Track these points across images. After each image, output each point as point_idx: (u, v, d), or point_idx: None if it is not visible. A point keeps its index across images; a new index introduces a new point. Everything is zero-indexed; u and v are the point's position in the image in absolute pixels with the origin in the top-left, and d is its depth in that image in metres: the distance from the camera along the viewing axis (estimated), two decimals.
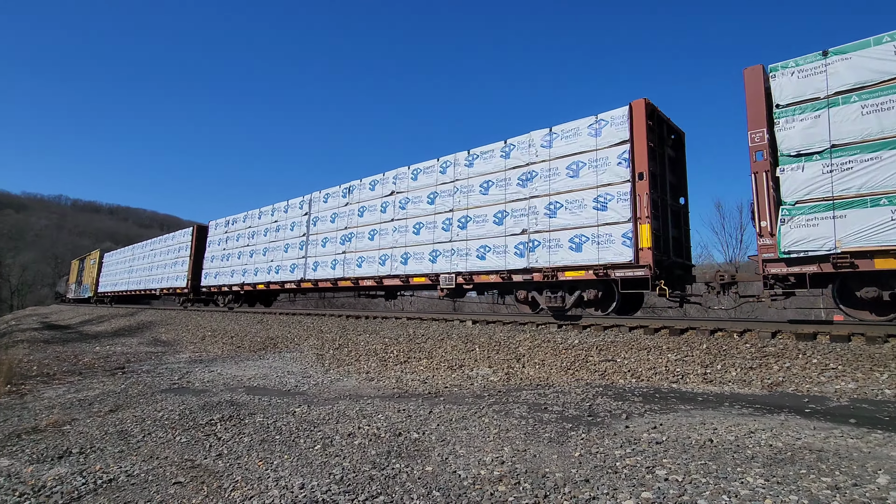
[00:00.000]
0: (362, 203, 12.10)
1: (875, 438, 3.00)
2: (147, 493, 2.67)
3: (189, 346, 10.71)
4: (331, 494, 2.51)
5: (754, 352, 5.36)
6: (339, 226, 12.73)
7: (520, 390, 5.02)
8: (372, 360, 7.17)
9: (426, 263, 10.05)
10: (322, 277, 13.01)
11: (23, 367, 7.44)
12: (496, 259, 8.87)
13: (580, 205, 7.85)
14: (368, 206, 11.91)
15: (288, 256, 14.48)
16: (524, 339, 7.12)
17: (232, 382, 6.07)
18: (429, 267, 9.99)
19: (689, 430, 3.33)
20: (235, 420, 4.09)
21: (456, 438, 3.37)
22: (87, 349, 10.39)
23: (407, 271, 10.47)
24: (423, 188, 10.47)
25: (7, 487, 2.84)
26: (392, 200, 11.19)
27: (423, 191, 10.46)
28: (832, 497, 2.20)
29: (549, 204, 8.22)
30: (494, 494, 2.43)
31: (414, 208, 10.53)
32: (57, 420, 4.31)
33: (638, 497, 2.30)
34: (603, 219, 7.59)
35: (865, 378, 4.46)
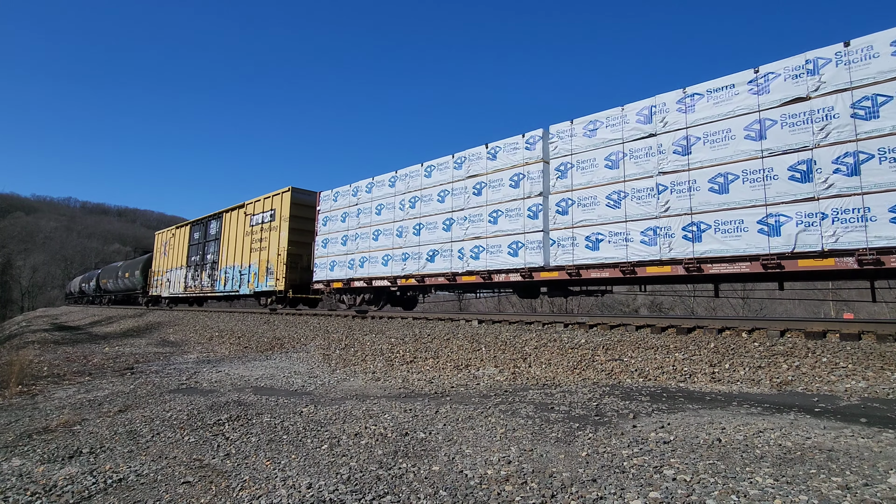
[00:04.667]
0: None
1: (886, 438, 2.97)
2: (156, 493, 2.69)
3: (197, 346, 10.78)
4: (338, 494, 2.52)
5: (763, 350, 5.32)
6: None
7: (526, 390, 5.02)
8: (378, 360, 7.18)
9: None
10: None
11: (34, 368, 7.53)
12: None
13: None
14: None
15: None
16: (530, 338, 7.10)
17: (239, 382, 6.11)
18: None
19: (698, 429, 3.30)
20: (243, 420, 4.11)
21: (463, 438, 3.37)
22: (96, 350, 10.48)
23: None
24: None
25: (19, 487, 2.88)
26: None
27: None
28: (843, 497, 2.18)
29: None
30: (501, 494, 2.42)
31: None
32: (67, 420, 4.36)
33: (646, 497, 2.29)
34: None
35: (876, 377, 4.41)
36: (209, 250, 19.30)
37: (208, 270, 19.06)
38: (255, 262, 15.77)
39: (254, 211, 16.34)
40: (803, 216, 6.00)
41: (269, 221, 15.33)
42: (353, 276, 12.41)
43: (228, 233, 17.84)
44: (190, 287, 20.46)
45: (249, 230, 16.46)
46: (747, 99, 6.62)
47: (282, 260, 14.44)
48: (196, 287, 19.93)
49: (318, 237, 13.76)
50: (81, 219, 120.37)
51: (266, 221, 15.55)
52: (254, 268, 15.80)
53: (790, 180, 6.12)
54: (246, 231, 16.64)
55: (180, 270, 21.47)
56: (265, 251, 15.35)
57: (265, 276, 15.17)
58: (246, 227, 16.67)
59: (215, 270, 18.45)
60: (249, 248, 16.24)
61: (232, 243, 17.51)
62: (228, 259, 17.53)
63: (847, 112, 5.78)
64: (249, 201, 16.76)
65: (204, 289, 19.19)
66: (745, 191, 6.47)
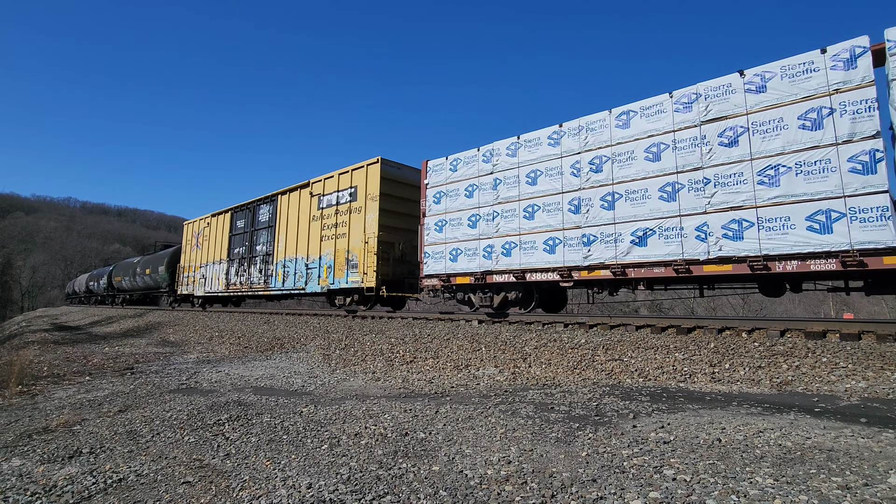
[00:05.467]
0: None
1: (886, 438, 2.97)
2: (156, 493, 2.69)
3: (197, 346, 10.78)
4: (338, 494, 2.52)
5: (763, 350, 5.32)
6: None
7: (526, 390, 5.01)
8: (378, 360, 7.18)
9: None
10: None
11: (34, 368, 7.53)
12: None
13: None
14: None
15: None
16: (530, 338, 7.10)
17: (239, 383, 6.11)
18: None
19: (698, 429, 3.30)
20: (243, 420, 4.11)
21: (462, 438, 3.37)
22: (96, 350, 10.49)
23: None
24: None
25: (19, 487, 2.88)
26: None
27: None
28: (843, 497, 2.18)
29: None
30: (501, 494, 2.42)
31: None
32: (67, 420, 4.36)
33: (646, 497, 2.29)
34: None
35: (876, 377, 4.41)
36: (259, 240, 15.89)
37: (259, 264, 15.61)
38: (328, 252, 12.66)
39: (323, 190, 13.19)
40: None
41: (349, 202, 12.20)
42: (491, 268, 9.05)
43: (287, 218, 14.56)
44: (234, 284, 16.87)
45: (318, 214, 13.22)
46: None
47: (370, 249, 11.32)
48: (242, 284, 16.40)
49: (427, 219, 10.29)
50: (81, 219, 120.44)
51: (343, 202, 12.42)
52: (325, 260, 12.71)
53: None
54: (313, 215, 13.42)
55: (219, 265, 17.92)
56: (342, 239, 12.27)
57: (344, 269, 12.06)
58: (312, 209, 13.48)
59: (269, 264, 15.05)
60: (319, 235, 13.03)
61: (292, 231, 14.25)
62: (288, 250, 14.23)
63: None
64: (317, 179, 13.60)
65: (254, 286, 15.70)
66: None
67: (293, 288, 13.91)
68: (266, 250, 15.50)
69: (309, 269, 13.38)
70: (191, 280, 20.34)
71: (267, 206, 15.95)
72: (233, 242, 17.55)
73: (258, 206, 16.44)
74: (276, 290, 14.74)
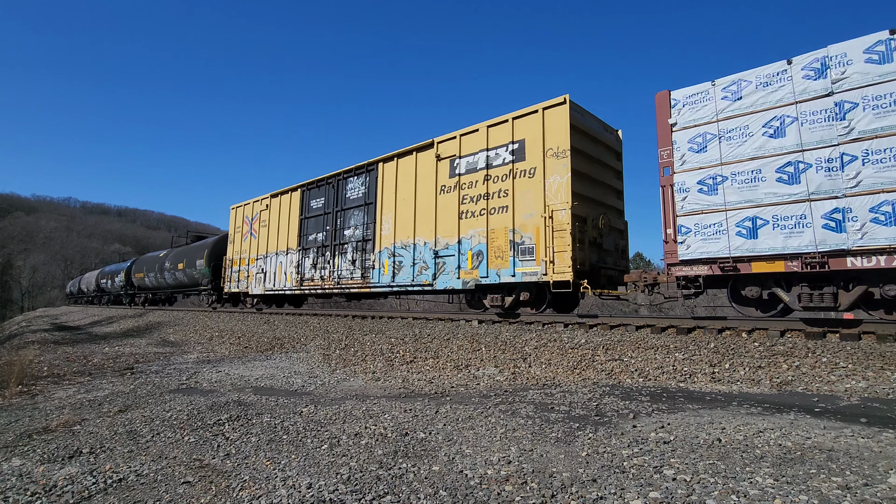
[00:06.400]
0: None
1: (886, 438, 2.97)
2: (156, 493, 2.69)
3: (197, 346, 10.78)
4: (338, 494, 2.52)
5: (763, 350, 5.32)
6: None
7: (526, 390, 5.02)
8: (378, 360, 7.18)
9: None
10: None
11: (34, 368, 7.53)
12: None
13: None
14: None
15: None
16: (530, 338, 7.10)
17: (239, 383, 6.11)
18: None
19: (698, 429, 3.30)
20: (243, 420, 4.11)
21: (463, 438, 3.37)
22: (96, 350, 10.49)
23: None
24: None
25: (19, 487, 2.88)
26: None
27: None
28: (843, 497, 2.18)
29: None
30: (501, 494, 2.42)
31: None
32: (67, 420, 4.36)
33: (646, 497, 2.29)
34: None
35: (876, 377, 4.41)
36: (348, 222, 12.41)
37: (351, 253, 12.09)
38: (475, 234, 9.25)
39: (459, 151, 9.76)
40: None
41: (511, 162, 8.85)
42: (844, 246, 5.51)
43: (395, 192, 11.15)
44: (311, 279, 13.33)
45: (452, 183, 9.81)
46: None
47: (559, 226, 7.98)
48: (325, 279, 12.87)
49: (679, 176, 6.97)
50: (81, 219, 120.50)
51: (498, 164, 9.09)
52: (470, 244, 9.30)
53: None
54: (442, 185, 10.03)
55: (285, 256, 14.44)
56: (501, 215, 8.88)
57: (505, 256, 8.68)
58: (441, 178, 10.10)
59: (367, 252, 11.64)
60: (455, 211, 9.62)
61: (405, 208, 10.85)
62: (399, 233, 10.86)
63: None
64: (447, 136, 10.12)
65: (344, 281, 12.23)
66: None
67: (411, 283, 10.36)
68: (361, 235, 11.89)
69: (439, 259, 9.83)
70: (243, 275, 16.63)
71: (359, 178, 12.35)
72: (306, 227, 13.86)
73: (344, 179, 12.81)
74: (382, 285, 11.12)
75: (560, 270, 7.89)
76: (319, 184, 13.70)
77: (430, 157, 10.50)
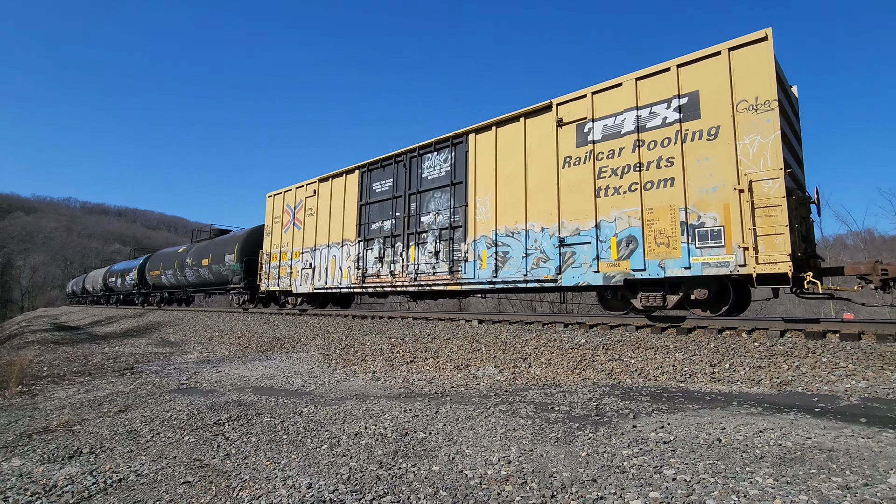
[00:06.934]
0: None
1: (886, 438, 2.97)
2: (156, 493, 2.69)
3: (197, 346, 10.78)
4: (338, 494, 2.52)
5: (763, 350, 5.32)
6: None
7: (526, 390, 5.02)
8: (378, 360, 7.18)
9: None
10: None
11: (34, 368, 7.53)
12: None
13: None
14: None
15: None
16: (530, 338, 7.11)
17: (239, 383, 6.11)
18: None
19: (698, 429, 3.31)
20: (243, 420, 4.12)
21: (462, 438, 3.37)
22: (96, 350, 10.49)
23: None
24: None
25: (19, 487, 2.88)
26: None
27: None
28: (843, 497, 2.18)
29: None
30: (501, 494, 2.42)
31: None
32: (67, 420, 4.36)
33: (646, 497, 2.29)
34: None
35: (876, 377, 4.41)
36: (427, 207, 10.39)
37: (432, 244, 10.08)
38: (621, 216, 7.28)
39: (592, 113, 7.81)
40: None
41: (677, 122, 6.87)
42: None
43: (496, 167, 9.12)
44: (376, 275, 11.30)
45: (585, 153, 7.80)
46: None
47: (763, 203, 6.11)
48: (396, 274, 10.77)
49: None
50: (81, 219, 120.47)
51: (653, 126, 7.11)
52: (612, 229, 7.36)
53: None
54: (566, 157, 8.06)
55: (340, 249, 12.47)
56: (661, 191, 6.93)
57: (674, 242, 6.75)
58: (563, 147, 8.11)
59: (456, 242, 9.65)
60: (590, 188, 7.65)
61: (510, 185, 8.86)
62: (502, 217, 8.91)
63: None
64: (573, 95, 8.12)
65: (423, 276, 10.13)
66: None
67: (524, 279, 8.37)
68: (447, 221, 9.90)
69: (566, 248, 7.86)
70: (284, 272, 14.56)
71: (440, 154, 10.34)
72: (367, 215, 11.92)
73: (419, 156, 10.77)
74: (481, 281, 9.06)
75: (770, 260, 5.96)
76: (385, 163, 11.61)
77: (545, 123, 8.49)
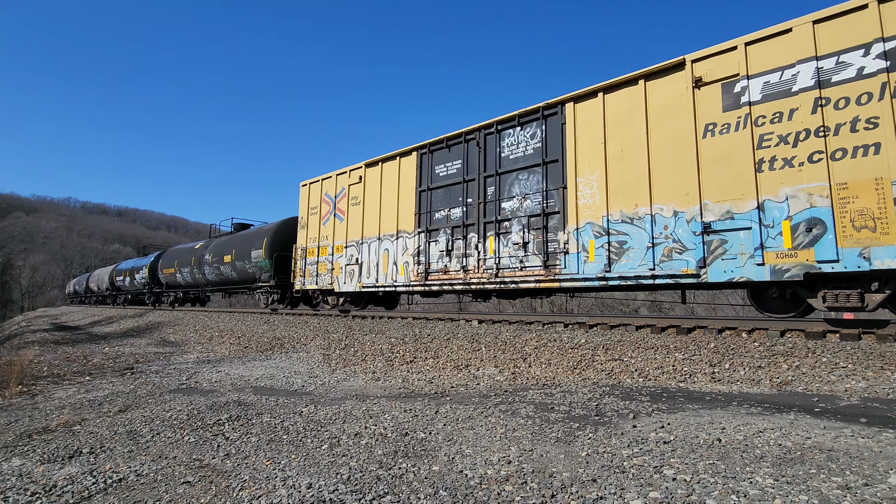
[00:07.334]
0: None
1: (886, 437, 2.97)
2: (156, 493, 2.69)
3: (197, 346, 10.78)
4: (338, 494, 2.52)
5: (763, 350, 5.32)
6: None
7: (526, 390, 5.02)
8: (378, 360, 7.19)
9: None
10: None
11: (34, 368, 7.53)
12: None
13: None
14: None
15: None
16: (530, 338, 7.11)
17: (239, 383, 6.11)
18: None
19: (697, 429, 3.31)
20: (243, 420, 4.12)
21: (463, 438, 3.37)
22: (96, 350, 10.49)
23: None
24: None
25: (19, 487, 2.88)
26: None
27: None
28: (843, 497, 2.18)
29: None
30: (501, 494, 2.42)
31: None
32: (67, 420, 4.36)
33: (646, 497, 2.29)
34: None
35: (876, 377, 4.41)
36: (511, 191, 8.95)
37: (519, 234, 8.59)
38: (796, 194, 5.86)
39: (747, 68, 6.39)
40: None
41: (883, 72, 5.46)
42: None
43: (605, 140, 7.70)
44: (443, 270, 9.79)
45: (739, 118, 6.40)
46: None
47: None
48: (470, 269, 9.29)
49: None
50: (81, 219, 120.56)
51: (844, 79, 5.72)
52: (784, 211, 5.95)
53: None
54: (709, 125, 6.64)
55: (394, 242, 10.97)
56: (863, 159, 5.48)
57: (886, 226, 5.23)
58: (707, 113, 6.69)
59: (552, 232, 8.24)
60: (749, 160, 6.26)
61: (621, 163, 7.47)
62: (617, 200, 7.47)
63: None
64: (713, 50, 6.71)
65: (507, 272, 8.71)
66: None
67: (650, 273, 6.96)
68: (538, 207, 8.42)
69: (712, 234, 6.48)
70: (323, 268, 12.97)
71: (525, 129, 8.90)
72: (428, 202, 10.38)
73: (498, 132, 9.26)
74: (588, 277, 7.61)
75: None
76: (450, 142, 10.11)
77: (674, 84, 7.07)
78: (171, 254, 23.47)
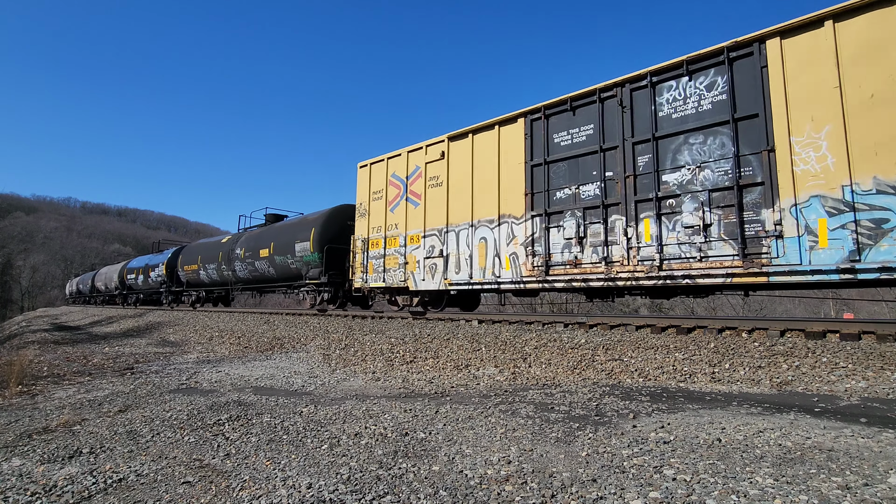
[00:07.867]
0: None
1: (886, 437, 2.97)
2: (156, 493, 2.69)
3: (197, 346, 10.78)
4: (338, 494, 2.52)
5: (763, 350, 5.32)
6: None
7: (526, 390, 5.02)
8: (378, 360, 7.18)
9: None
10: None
11: (34, 368, 7.53)
12: None
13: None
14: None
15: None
16: (530, 338, 7.10)
17: (239, 383, 6.11)
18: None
19: (697, 429, 3.31)
20: (243, 420, 4.12)
21: (463, 438, 3.37)
22: (96, 350, 10.49)
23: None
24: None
25: (19, 487, 2.88)
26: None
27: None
28: (843, 497, 2.18)
29: None
30: (501, 494, 2.42)
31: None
32: (67, 420, 4.36)
33: (646, 497, 2.29)
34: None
35: (876, 377, 4.41)
36: (676, 160, 6.84)
37: (696, 215, 6.47)
38: None
39: None
40: None
41: None
42: None
43: (840, 82, 5.53)
44: (572, 262, 7.73)
45: None
46: None
47: None
48: (614, 261, 7.25)
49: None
50: (81, 219, 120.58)
51: None
52: None
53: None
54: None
55: (494, 230, 8.88)
56: None
57: None
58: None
59: (751, 211, 6.15)
60: None
61: (881, 114, 5.26)
62: (865, 163, 5.34)
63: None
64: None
65: (678, 263, 6.62)
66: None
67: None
68: (723, 178, 6.42)
69: None
70: (392, 262, 10.86)
71: (697, 78, 6.79)
72: (544, 179, 8.29)
73: (650, 87, 7.18)
74: (819, 268, 5.61)
75: None
76: (575, 103, 8.02)
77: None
78: (194, 249, 21.01)
